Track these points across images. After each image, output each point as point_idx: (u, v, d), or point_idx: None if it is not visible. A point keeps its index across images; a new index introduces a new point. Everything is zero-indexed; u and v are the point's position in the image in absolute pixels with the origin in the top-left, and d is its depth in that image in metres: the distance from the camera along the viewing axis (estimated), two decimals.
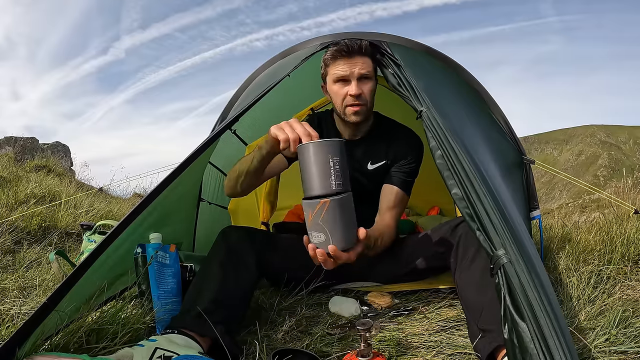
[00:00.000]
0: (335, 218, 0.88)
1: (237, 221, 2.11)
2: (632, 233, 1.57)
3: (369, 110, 1.35)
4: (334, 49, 1.29)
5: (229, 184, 1.30)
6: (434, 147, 1.06)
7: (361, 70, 1.27)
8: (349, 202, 0.90)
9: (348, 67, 1.27)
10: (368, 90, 1.30)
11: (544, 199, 12.39)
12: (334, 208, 0.87)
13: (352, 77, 1.28)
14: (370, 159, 1.43)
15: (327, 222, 0.88)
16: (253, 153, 1.17)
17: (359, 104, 1.30)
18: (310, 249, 0.92)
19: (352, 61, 1.28)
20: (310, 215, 0.89)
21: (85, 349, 0.91)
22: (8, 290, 1.42)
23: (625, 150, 18.75)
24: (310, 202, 0.88)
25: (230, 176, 1.29)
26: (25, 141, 7.50)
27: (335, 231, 0.88)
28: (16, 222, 2.30)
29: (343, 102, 1.31)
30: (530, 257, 0.87)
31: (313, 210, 0.88)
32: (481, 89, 1.67)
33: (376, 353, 0.90)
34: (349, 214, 0.91)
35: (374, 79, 1.33)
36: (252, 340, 1.08)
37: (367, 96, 1.31)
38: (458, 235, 1.17)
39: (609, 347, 0.94)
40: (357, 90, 1.28)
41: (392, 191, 1.36)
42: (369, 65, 1.30)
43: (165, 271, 1.19)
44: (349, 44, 1.27)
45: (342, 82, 1.30)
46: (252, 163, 1.17)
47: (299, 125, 0.95)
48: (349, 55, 1.27)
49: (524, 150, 1.66)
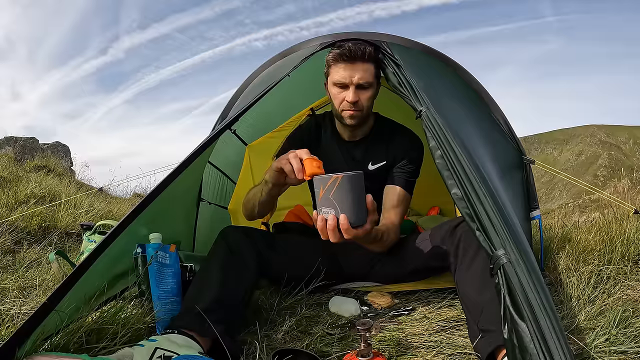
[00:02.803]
0: (347, 194, 0.89)
1: (237, 221, 2.11)
2: (632, 233, 1.57)
3: (365, 115, 1.36)
4: (336, 52, 1.28)
5: (246, 213, 1.35)
6: (433, 147, 1.06)
7: (360, 79, 1.27)
8: (359, 181, 0.92)
9: (348, 74, 1.27)
10: (366, 98, 1.31)
11: (544, 199, 12.39)
12: (345, 183, 0.89)
13: (351, 84, 1.28)
14: (371, 159, 1.43)
15: (338, 197, 0.90)
16: (261, 185, 1.20)
17: (355, 110, 1.32)
18: (319, 220, 0.93)
19: (353, 67, 1.27)
20: (321, 190, 0.90)
21: (85, 349, 0.90)
22: (8, 290, 1.41)
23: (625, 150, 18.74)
24: (322, 178, 0.90)
25: (246, 206, 1.34)
26: (25, 141, 7.51)
27: (345, 207, 0.90)
28: (16, 222, 2.30)
29: (340, 105, 1.33)
30: (530, 257, 0.87)
31: (325, 185, 0.90)
32: (481, 89, 1.67)
33: (376, 353, 0.90)
34: (360, 192, 0.92)
35: (374, 86, 1.32)
36: (252, 340, 1.08)
37: (364, 103, 1.31)
38: (458, 235, 1.17)
39: (609, 347, 0.94)
40: (354, 98, 1.29)
41: (395, 191, 1.37)
42: (370, 72, 1.29)
43: (165, 271, 1.19)
44: (353, 48, 1.25)
45: (341, 86, 1.30)
46: (261, 195, 1.19)
47: (299, 155, 0.99)
48: (350, 61, 1.27)
49: (524, 150, 1.66)
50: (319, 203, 0.93)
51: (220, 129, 1.18)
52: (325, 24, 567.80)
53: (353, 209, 0.91)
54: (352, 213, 0.91)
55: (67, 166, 6.95)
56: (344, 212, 0.90)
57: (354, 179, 0.90)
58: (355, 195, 0.91)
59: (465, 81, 1.66)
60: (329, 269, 1.35)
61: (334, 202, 0.90)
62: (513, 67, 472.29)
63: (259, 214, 1.31)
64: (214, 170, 2.08)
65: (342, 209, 0.90)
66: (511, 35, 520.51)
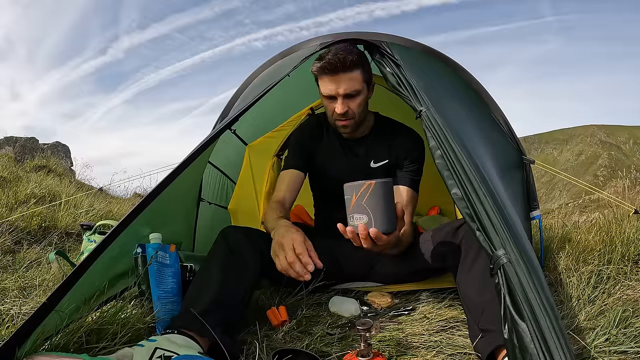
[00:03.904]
0: (379, 200, 0.92)
1: (237, 221, 2.11)
2: (632, 233, 1.57)
3: (358, 121, 1.37)
4: (318, 65, 1.27)
5: (266, 230, 1.35)
6: (433, 146, 1.06)
7: (346, 90, 1.27)
8: (390, 189, 0.94)
9: (334, 87, 1.27)
10: (355, 105, 1.31)
11: (544, 199, 12.38)
12: (378, 190, 0.91)
13: (338, 95, 1.28)
14: (373, 157, 1.45)
15: (370, 203, 0.92)
16: (272, 227, 1.21)
17: (346, 120, 1.33)
18: (348, 232, 0.96)
19: (337, 79, 1.26)
20: (353, 197, 0.93)
21: (85, 349, 0.90)
22: (8, 290, 1.41)
23: (625, 150, 18.74)
24: (355, 185, 0.93)
25: (265, 226, 1.34)
26: (25, 141, 7.51)
27: (377, 213, 0.92)
28: (16, 222, 2.30)
29: (332, 115, 1.35)
30: (530, 257, 0.87)
31: (357, 192, 0.92)
32: (481, 89, 1.67)
33: (376, 353, 0.90)
34: (390, 198, 0.94)
35: (363, 91, 1.32)
36: (252, 340, 1.08)
37: (354, 111, 1.32)
38: (460, 237, 1.17)
39: (609, 347, 0.94)
40: (343, 109, 1.29)
41: (403, 191, 1.39)
42: (356, 80, 1.28)
43: (165, 271, 1.18)
44: (332, 60, 1.23)
45: (329, 98, 1.31)
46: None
47: (291, 252, 1.04)
48: (332, 73, 1.26)
49: (524, 150, 1.66)
50: (350, 210, 0.95)
51: (220, 129, 1.18)
52: (325, 24, 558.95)
53: (385, 215, 0.93)
54: (385, 219, 0.93)
55: (67, 166, 6.95)
56: (376, 217, 0.92)
57: (385, 186, 0.92)
58: (387, 201, 0.93)
59: (465, 81, 1.66)
60: (329, 269, 1.35)
61: (367, 208, 0.92)
62: (513, 67, 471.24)
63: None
64: (214, 170, 2.08)
65: (375, 215, 0.92)
66: (511, 35, 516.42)
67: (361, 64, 1.29)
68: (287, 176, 1.47)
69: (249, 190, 2.12)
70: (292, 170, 1.47)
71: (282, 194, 1.43)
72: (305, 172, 1.50)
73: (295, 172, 1.47)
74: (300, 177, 1.48)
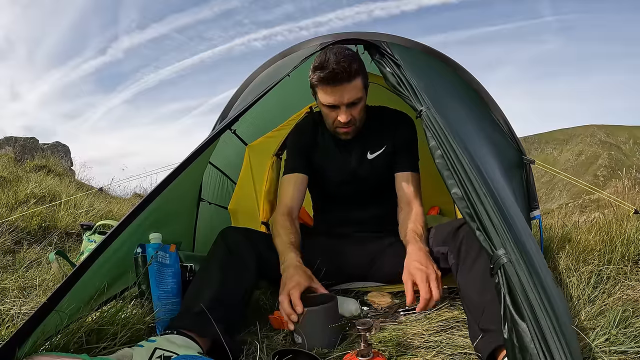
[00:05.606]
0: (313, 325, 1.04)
1: (237, 221, 2.11)
2: (632, 233, 1.56)
3: (359, 126, 1.38)
4: (320, 75, 1.23)
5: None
6: (433, 146, 1.06)
7: (349, 99, 1.27)
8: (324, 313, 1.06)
9: (337, 97, 1.26)
10: (357, 112, 1.32)
11: (544, 199, 12.39)
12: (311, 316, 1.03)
13: (341, 104, 1.28)
14: (369, 149, 1.45)
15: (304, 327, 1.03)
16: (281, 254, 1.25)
17: (348, 127, 1.33)
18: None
19: (340, 89, 1.25)
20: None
21: (85, 349, 0.90)
22: (8, 290, 1.41)
23: (625, 150, 18.75)
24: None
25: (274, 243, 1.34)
26: (25, 141, 7.51)
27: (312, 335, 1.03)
28: (16, 222, 2.30)
29: (333, 123, 1.34)
30: (531, 256, 0.86)
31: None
32: (481, 89, 1.67)
33: (376, 353, 0.90)
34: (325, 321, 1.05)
35: (363, 97, 1.33)
36: (252, 340, 1.08)
37: (356, 117, 1.33)
38: (460, 237, 1.16)
39: (609, 347, 0.94)
40: (347, 118, 1.30)
41: (408, 177, 1.40)
42: (358, 88, 1.27)
43: (165, 271, 1.18)
44: (337, 70, 1.20)
45: (330, 107, 1.30)
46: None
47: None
48: (336, 84, 1.24)
49: (524, 150, 1.66)
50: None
51: (220, 129, 1.18)
52: (324, 23, 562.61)
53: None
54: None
55: (67, 166, 6.95)
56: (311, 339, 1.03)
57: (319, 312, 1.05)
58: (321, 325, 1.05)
59: (465, 81, 1.66)
60: (329, 269, 1.35)
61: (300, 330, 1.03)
62: (512, 67, 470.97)
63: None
64: (214, 170, 2.08)
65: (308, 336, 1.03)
66: (510, 35, 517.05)
67: (361, 71, 1.29)
68: (292, 182, 1.45)
69: (249, 191, 2.12)
70: (295, 174, 1.46)
71: (289, 203, 1.41)
72: (307, 174, 1.48)
73: (298, 176, 1.45)
74: (304, 180, 1.47)
